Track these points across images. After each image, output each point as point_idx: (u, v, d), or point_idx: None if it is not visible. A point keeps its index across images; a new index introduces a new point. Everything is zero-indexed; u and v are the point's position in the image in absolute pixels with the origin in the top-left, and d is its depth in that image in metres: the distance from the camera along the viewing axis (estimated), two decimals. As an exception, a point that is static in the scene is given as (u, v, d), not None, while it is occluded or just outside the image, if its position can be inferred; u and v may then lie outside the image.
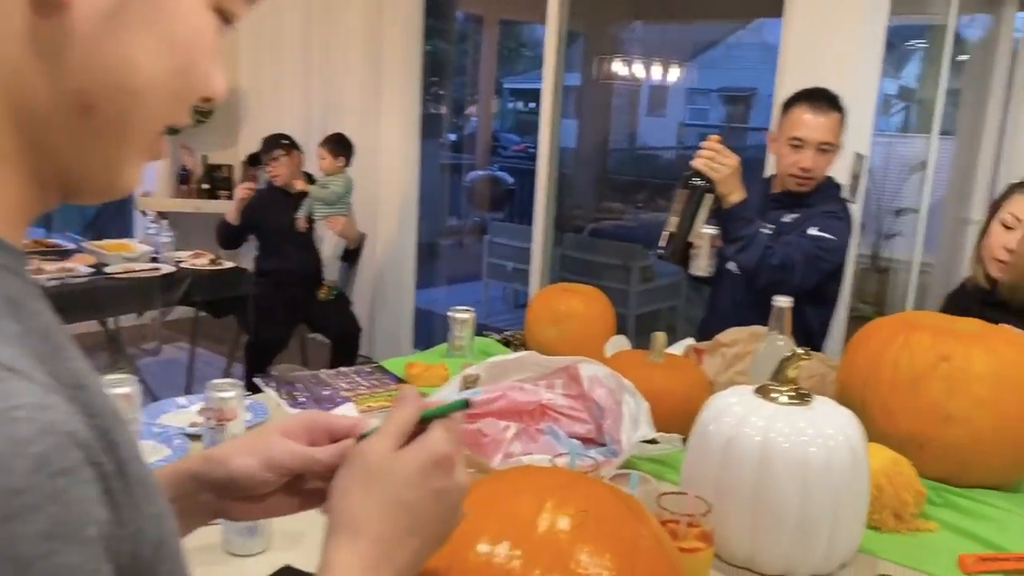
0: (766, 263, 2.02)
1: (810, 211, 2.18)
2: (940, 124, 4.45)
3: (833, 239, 2.09)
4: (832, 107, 2.19)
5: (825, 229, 2.09)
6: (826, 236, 2.08)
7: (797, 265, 2.03)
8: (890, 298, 5.19)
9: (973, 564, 1.14)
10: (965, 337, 1.37)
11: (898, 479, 1.25)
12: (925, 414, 1.35)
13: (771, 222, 2.20)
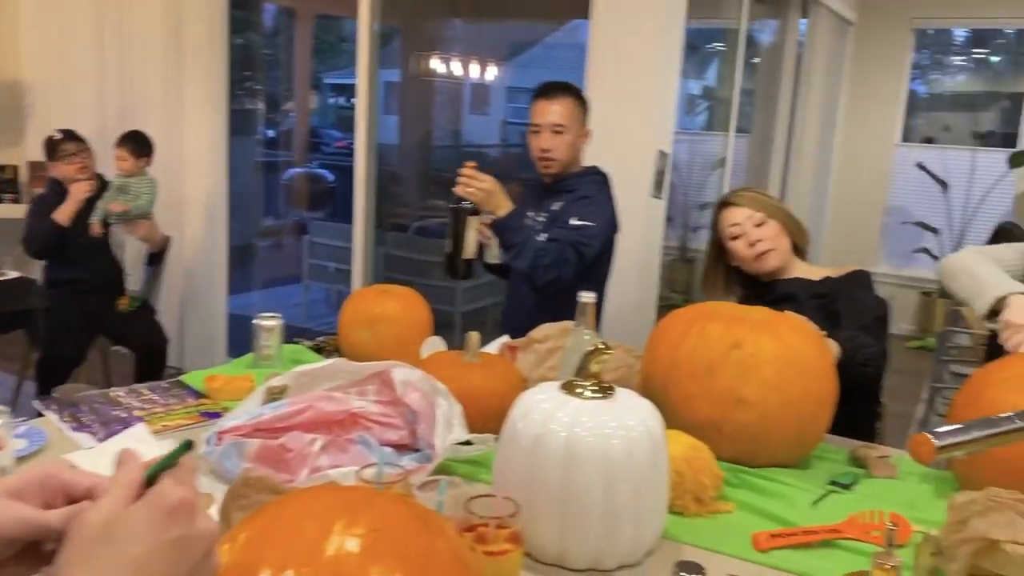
0: (539, 263, 2.19)
1: (572, 195, 2.36)
2: (736, 122, 4.75)
3: (593, 225, 2.27)
4: (562, 93, 2.38)
5: (585, 217, 2.28)
6: (586, 224, 2.27)
7: (569, 261, 2.21)
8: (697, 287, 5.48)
9: (765, 541, 1.21)
10: (754, 325, 1.45)
11: (697, 464, 1.31)
12: (720, 399, 1.42)
13: (544, 210, 2.39)
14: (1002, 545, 1.08)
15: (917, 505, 1.36)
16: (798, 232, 2.03)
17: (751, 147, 5.61)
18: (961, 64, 7.17)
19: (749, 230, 1.98)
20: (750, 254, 1.99)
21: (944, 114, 7.10)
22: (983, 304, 1.62)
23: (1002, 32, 6.75)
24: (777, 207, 2.02)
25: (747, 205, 2.00)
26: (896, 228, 6.84)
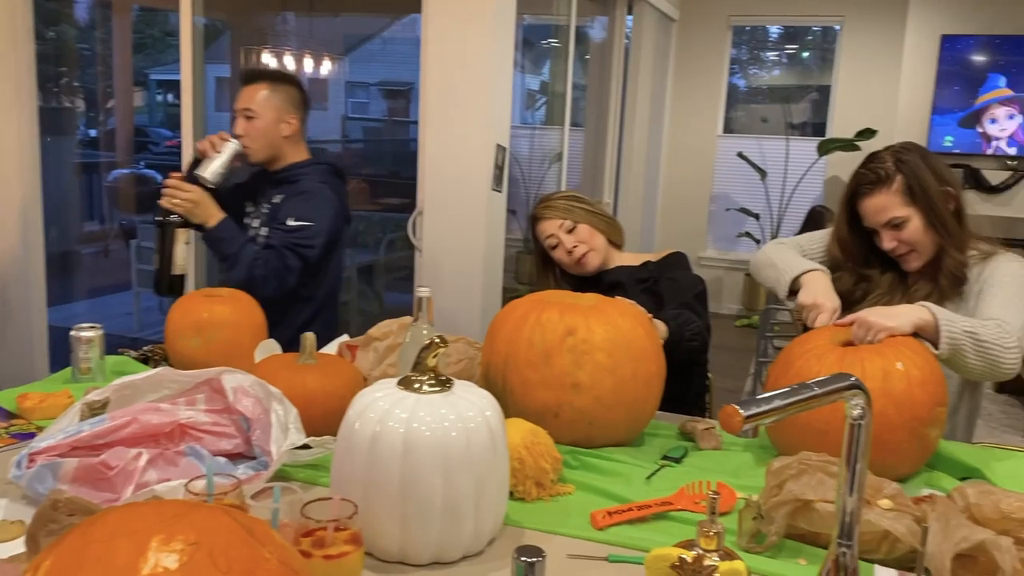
0: (256, 274, 2.17)
1: (293, 187, 2.35)
2: (572, 117, 4.88)
3: (312, 224, 2.26)
4: (257, 79, 2.39)
5: (303, 216, 2.26)
6: (305, 224, 2.25)
7: (291, 267, 2.21)
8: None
9: (602, 519, 1.25)
10: (587, 311, 1.50)
11: (537, 449, 1.33)
12: (558, 384, 1.46)
13: (267, 201, 2.38)
14: (814, 504, 1.17)
15: (740, 473, 1.46)
16: (609, 228, 2.13)
17: (587, 140, 5.78)
18: (775, 59, 7.66)
19: (563, 238, 2.07)
20: (570, 260, 2.09)
21: (761, 106, 7.57)
22: (783, 289, 1.76)
23: (811, 29, 7.27)
24: (581, 210, 2.09)
25: (553, 216, 2.08)
26: (721, 214, 7.26)
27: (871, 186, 1.74)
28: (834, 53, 6.93)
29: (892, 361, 1.41)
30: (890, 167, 1.73)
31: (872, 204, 1.74)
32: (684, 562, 0.97)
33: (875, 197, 1.73)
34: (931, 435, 1.42)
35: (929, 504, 1.16)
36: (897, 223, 1.73)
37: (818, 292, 1.69)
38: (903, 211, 1.72)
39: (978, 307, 1.66)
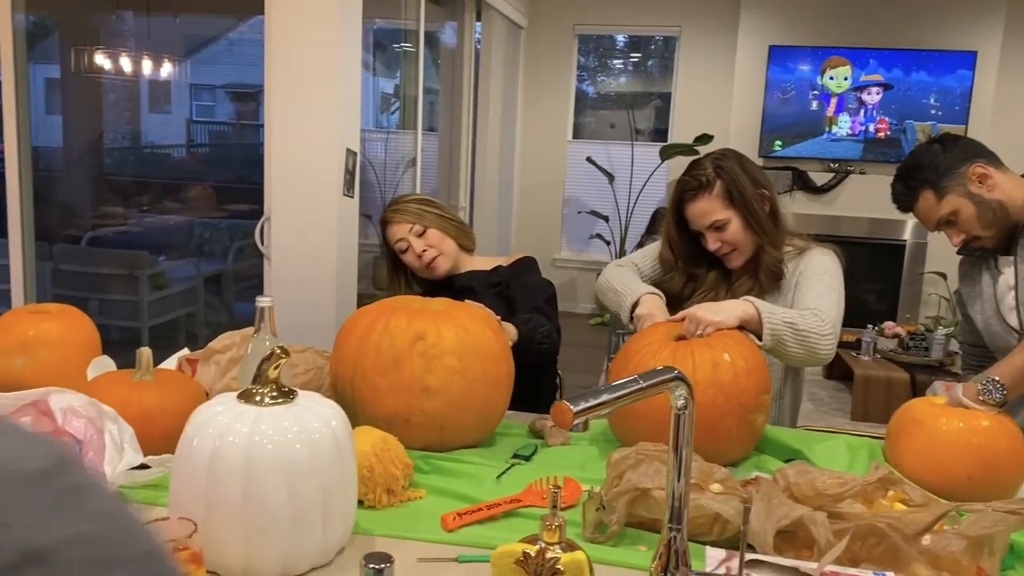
0: None
1: None
2: (426, 121, 4.89)
3: None
4: None
5: None
6: None
7: None
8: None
9: (452, 521, 1.26)
10: (436, 316, 1.51)
11: (387, 456, 1.33)
12: (408, 390, 1.46)
13: None
14: (651, 492, 1.23)
15: (586, 466, 1.51)
16: (459, 233, 2.15)
17: (441, 145, 5.81)
18: (620, 67, 7.95)
19: (413, 242, 2.09)
20: (420, 264, 2.10)
21: (608, 112, 7.84)
22: (625, 313, 1.88)
23: (653, 39, 7.59)
24: (432, 214, 2.11)
25: (403, 220, 2.10)
26: (574, 217, 7.46)
27: (694, 192, 1.85)
28: (674, 61, 7.26)
29: (720, 353, 1.50)
30: (710, 173, 1.84)
31: (696, 209, 1.86)
32: (527, 556, 1.00)
33: (698, 202, 1.85)
34: (757, 421, 1.52)
35: (754, 486, 1.25)
36: (719, 225, 1.84)
37: (652, 307, 1.80)
38: (724, 214, 1.84)
39: (795, 299, 1.79)
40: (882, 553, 1.12)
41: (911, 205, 1.80)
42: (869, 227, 6.54)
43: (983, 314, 1.84)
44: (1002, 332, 1.78)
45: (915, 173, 1.78)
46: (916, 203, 1.79)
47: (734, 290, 1.85)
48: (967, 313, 1.91)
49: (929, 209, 1.77)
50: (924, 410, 1.44)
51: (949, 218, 1.76)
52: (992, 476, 1.36)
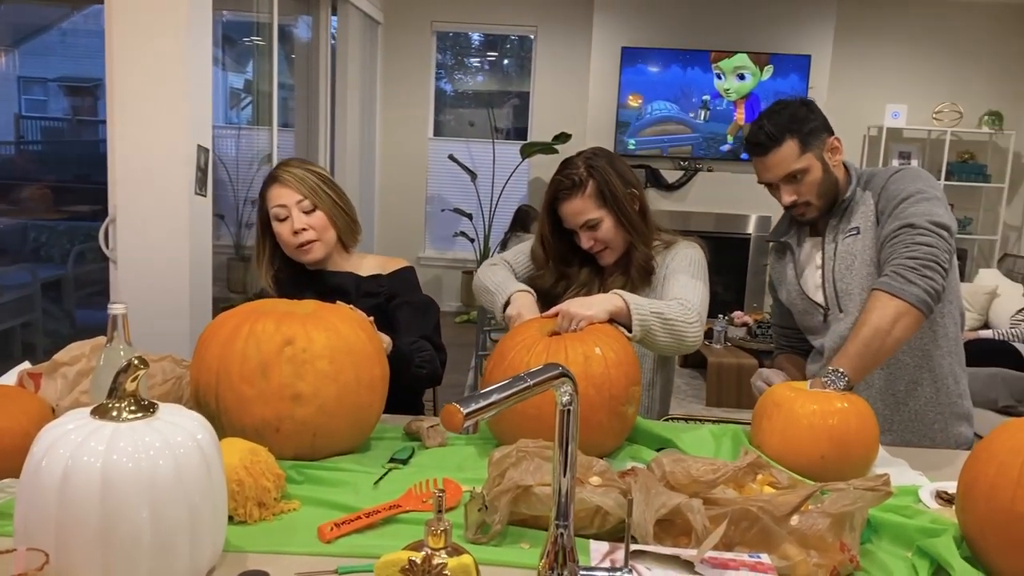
0: None
1: None
2: (281, 117, 4.72)
3: None
4: None
5: None
6: None
7: None
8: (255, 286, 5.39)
9: (330, 531, 1.22)
10: (305, 319, 1.45)
11: (257, 468, 1.27)
12: (277, 398, 1.40)
13: None
14: (533, 489, 1.23)
15: (465, 467, 1.50)
16: (346, 227, 1.99)
17: (297, 141, 5.64)
18: (478, 65, 7.98)
19: (295, 214, 1.90)
20: (292, 241, 1.92)
21: (468, 110, 7.86)
22: (499, 312, 1.87)
23: (509, 38, 7.66)
24: (328, 196, 1.94)
25: (295, 187, 1.90)
26: (437, 215, 7.44)
27: (568, 191, 1.88)
28: (531, 61, 7.36)
29: (591, 347, 1.52)
30: (583, 173, 1.87)
31: (570, 208, 1.88)
32: (413, 564, 0.97)
33: (572, 202, 1.87)
34: (628, 412, 1.55)
35: (632, 477, 1.27)
36: (592, 224, 1.88)
37: (522, 306, 1.81)
38: (597, 213, 1.87)
39: (663, 291, 1.85)
40: (754, 536, 1.16)
41: (771, 148, 1.79)
42: (716, 222, 6.87)
43: (788, 296, 1.96)
44: (809, 309, 1.90)
45: (786, 121, 1.80)
46: (778, 148, 1.79)
47: (606, 287, 1.88)
48: (777, 297, 2.03)
49: (787, 158, 1.79)
50: (784, 394, 1.51)
51: (798, 173, 1.81)
52: (844, 455, 1.45)
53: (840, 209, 1.86)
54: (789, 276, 1.96)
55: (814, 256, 1.91)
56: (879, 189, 1.82)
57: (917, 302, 1.63)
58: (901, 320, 1.62)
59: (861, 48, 7.01)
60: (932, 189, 1.76)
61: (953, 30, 7.02)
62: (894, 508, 1.31)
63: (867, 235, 1.81)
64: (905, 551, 1.23)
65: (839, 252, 1.84)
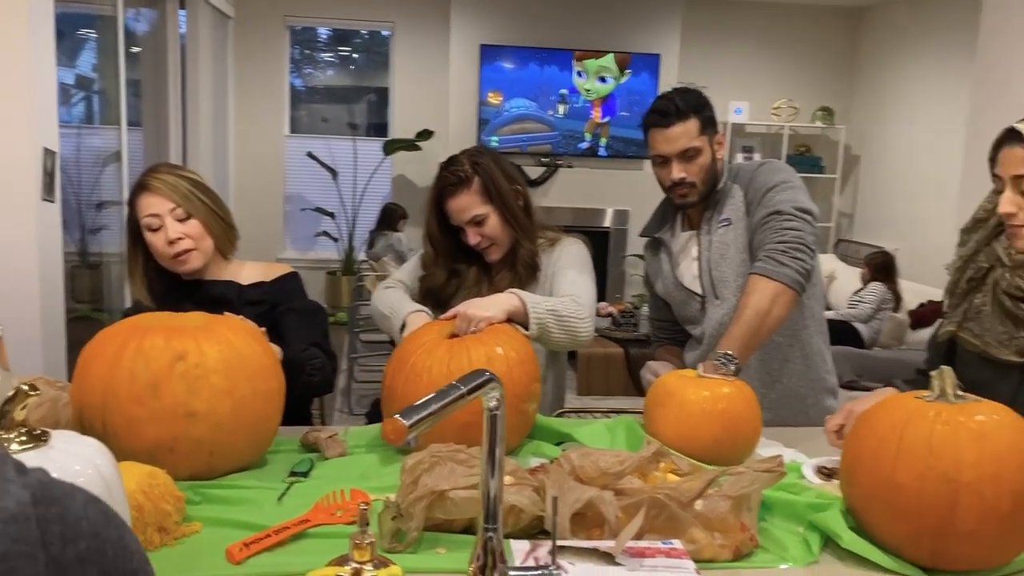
0: None
1: None
2: (127, 115, 4.46)
3: None
4: None
5: None
6: None
7: None
8: (107, 293, 5.08)
9: (239, 552, 1.17)
10: (196, 333, 1.39)
11: (156, 491, 1.21)
12: (170, 417, 1.33)
13: None
14: (448, 494, 1.23)
15: (369, 476, 1.48)
16: (223, 235, 1.90)
17: (146, 140, 5.34)
18: (330, 60, 7.82)
19: (169, 224, 1.80)
20: (168, 251, 1.82)
21: (323, 106, 7.69)
22: (398, 335, 1.85)
23: (359, 32, 7.55)
24: (202, 203, 1.85)
25: (166, 195, 1.80)
26: (297, 215, 7.24)
27: (454, 187, 1.89)
28: (387, 57, 7.29)
29: (493, 347, 1.54)
30: (468, 170, 1.89)
31: (456, 204, 1.89)
32: (343, 579, 0.96)
33: (458, 198, 1.88)
34: (530, 409, 1.58)
35: (543, 473, 1.29)
36: (479, 220, 1.89)
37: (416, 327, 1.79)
38: (482, 209, 1.89)
39: (553, 288, 1.89)
40: (663, 523, 1.21)
41: (676, 121, 1.85)
42: (574, 216, 7.05)
43: (666, 288, 2.05)
44: (686, 299, 2.00)
45: (694, 100, 1.87)
46: (683, 122, 1.85)
47: (495, 284, 1.91)
48: (654, 291, 2.13)
49: (687, 133, 1.86)
50: (675, 383, 1.58)
51: (692, 152, 1.87)
52: (733, 437, 1.53)
53: (713, 201, 1.96)
54: (665, 269, 2.04)
55: (690, 248, 2.00)
56: (746, 182, 1.94)
57: (791, 282, 1.75)
58: (778, 300, 1.73)
59: (706, 48, 7.38)
60: (794, 179, 1.90)
61: (787, 31, 7.51)
62: (782, 487, 1.40)
63: (738, 225, 1.92)
64: (797, 526, 1.32)
65: (714, 242, 1.94)
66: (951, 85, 6.17)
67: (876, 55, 7.33)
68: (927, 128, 6.51)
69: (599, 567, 1.08)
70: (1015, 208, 1.42)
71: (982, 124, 3.54)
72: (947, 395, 1.23)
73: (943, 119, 6.28)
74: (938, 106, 6.37)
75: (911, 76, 6.77)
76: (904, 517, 1.17)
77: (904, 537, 1.19)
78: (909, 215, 6.70)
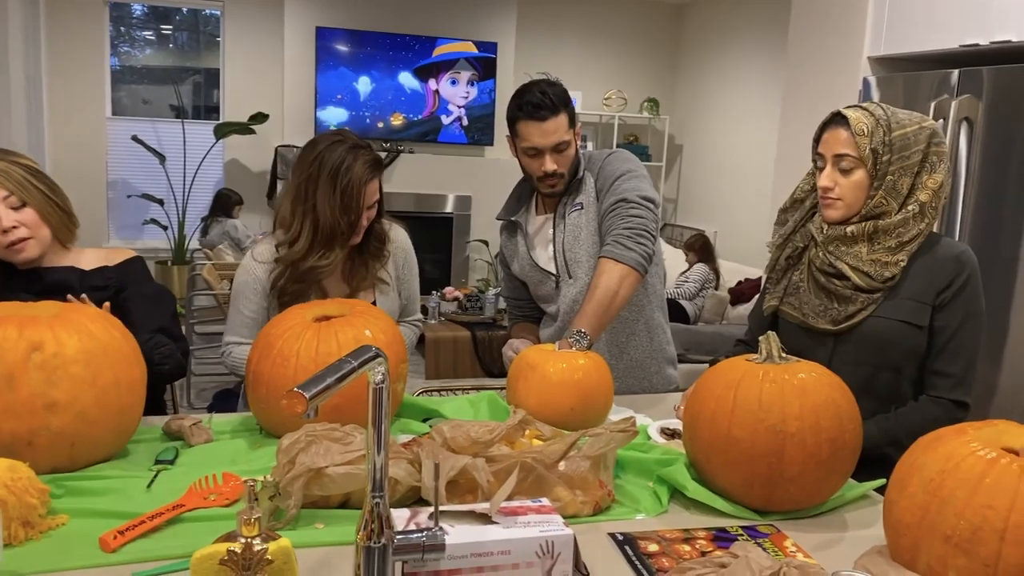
0: None
1: None
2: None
3: None
4: None
5: None
6: None
7: None
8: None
9: (114, 540, 1.16)
10: (51, 322, 1.34)
11: (19, 485, 1.17)
12: (27, 409, 1.29)
13: None
14: (326, 471, 1.27)
15: (238, 460, 1.49)
16: (60, 225, 1.83)
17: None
18: (148, 39, 7.41)
19: (3, 212, 1.73)
20: (2, 241, 1.75)
21: (146, 87, 7.29)
22: None
23: (181, 10, 7.20)
24: (39, 191, 1.78)
25: (1, 183, 1.73)
26: (123, 202, 6.85)
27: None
28: (213, 37, 7.01)
29: (361, 329, 1.57)
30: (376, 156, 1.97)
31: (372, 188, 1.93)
32: (233, 554, 0.98)
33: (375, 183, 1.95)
34: (399, 388, 1.63)
35: (416, 446, 1.36)
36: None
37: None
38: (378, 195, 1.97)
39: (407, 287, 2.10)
40: (531, 484, 1.30)
41: (551, 116, 1.95)
42: (416, 202, 7.09)
43: (522, 269, 2.18)
44: (542, 279, 2.13)
45: (562, 95, 1.98)
46: (556, 117, 1.96)
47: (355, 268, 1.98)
48: (509, 271, 2.25)
49: (561, 127, 1.97)
50: (535, 357, 1.68)
51: (563, 145, 1.99)
52: (588, 405, 1.65)
53: (570, 187, 2.08)
54: (521, 251, 2.15)
55: (545, 231, 2.12)
56: (596, 170, 2.07)
57: (636, 265, 1.89)
58: (625, 281, 1.88)
59: (541, 38, 7.59)
60: (639, 168, 2.05)
61: (617, 23, 7.85)
62: (632, 446, 1.53)
63: (590, 210, 2.06)
64: (647, 481, 1.45)
65: (568, 226, 2.07)
66: (764, 76, 6.69)
67: (696, 48, 7.81)
68: (742, 118, 7.02)
69: (477, 527, 1.15)
70: (832, 183, 1.62)
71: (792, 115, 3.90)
72: (773, 357, 1.40)
73: (757, 109, 6.80)
74: (753, 97, 6.89)
75: (728, 68, 7.27)
76: (740, 466, 1.33)
77: (740, 485, 1.34)
78: (726, 200, 7.21)
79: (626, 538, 1.26)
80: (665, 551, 1.23)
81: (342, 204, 1.88)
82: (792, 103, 3.91)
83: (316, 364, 1.50)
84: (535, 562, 1.14)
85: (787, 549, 1.24)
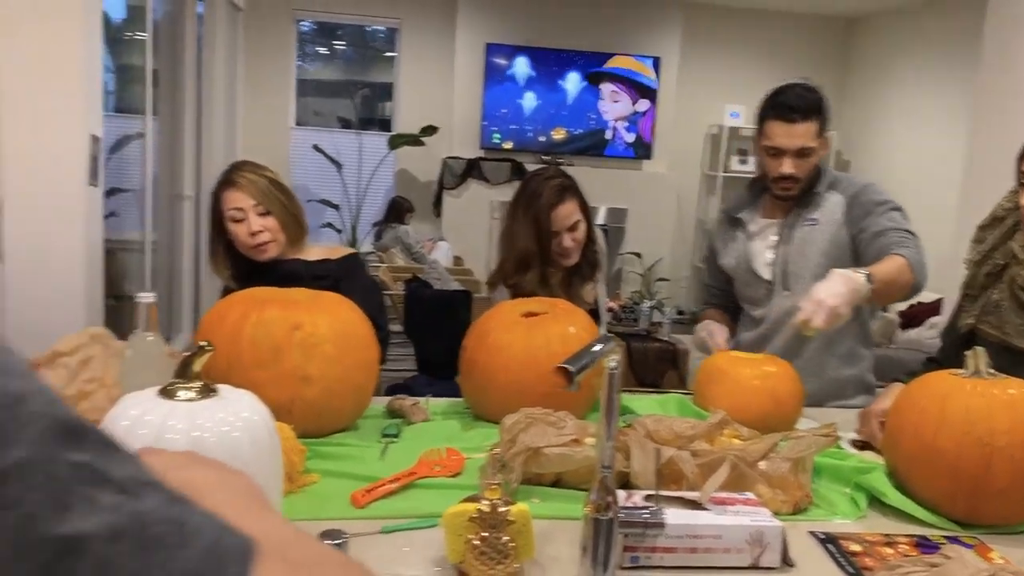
0: None
1: None
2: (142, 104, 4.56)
3: None
4: None
5: None
6: None
7: None
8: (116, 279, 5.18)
9: (363, 497, 1.33)
10: (308, 305, 1.54)
11: (285, 444, 1.35)
12: (289, 380, 1.48)
13: None
14: (543, 451, 1.39)
15: (454, 438, 1.63)
16: (295, 231, 2.10)
17: (162, 128, 5.43)
18: (321, 53, 7.91)
19: (252, 218, 2.01)
20: (250, 242, 2.03)
21: (329, 100, 7.80)
22: None
23: (368, 29, 7.66)
24: (279, 203, 2.05)
25: (250, 191, 2.01)
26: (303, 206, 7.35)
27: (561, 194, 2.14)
28: (379, 52, 7.41)
29: (566, 326, 1.69)
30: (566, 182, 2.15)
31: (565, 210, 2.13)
32: (482, 512, 1.11)
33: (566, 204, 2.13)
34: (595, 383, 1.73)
35: (623, 436, 1.45)
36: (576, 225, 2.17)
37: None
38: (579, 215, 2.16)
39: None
40: (733, 479, 1.37)
41: (801, 119, 1.97)
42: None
43: (735, 266, 2.19)
44: (752, 282, 2.16)
45: (819, 101, 2.02)
46: (808, 122, 1.98)
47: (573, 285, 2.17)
48: (715, 263, 2.27)
49: (810, 132, 1.99)
50: (726, 362, 1.75)
51: (808, 150, 2.00)
52: (780, 411, 1.70)
53: (804, 199, 2.09)
54: (740, 248, 2.18)
55: (767, 234, 2.14)
56: (851, 195, 2.06)
57: (920, 279, 1.88)
58: (905, 277, 1.85)
59: (705, 52, 7.57)
60: (893, 200, 2.05)
61: (782, 37, 7.72)
62: (827, 454, 1.57)
63: (826, 229, 2.05)
64: (843, 487, 1.49)
65: (796, 237, 2.08)
66: (943, 96, 6.41)
67: (867, 63, 7.56)
68: (916, 133, 6.74)
69: (689, 511, 1.24)
70: None
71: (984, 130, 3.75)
72: (981, 372, 1.41)
73: (933, 124, 6.51)
74: (930, 111, 6.60)
75: (906, 82, 7.00)
76: (943, 478, 1.35)
77: (943, 495, 1.36)
78: (897, 220, 6.92)
79: (828, 537, 1.31)
80: (868, 552, 1.27)
81: (535, 228, 2.11)
82: (984, 118, 3.77)
83: (526, 355, 1.63)
84: (744, 549, 1.21)
85: (993, 560, 1.25)
